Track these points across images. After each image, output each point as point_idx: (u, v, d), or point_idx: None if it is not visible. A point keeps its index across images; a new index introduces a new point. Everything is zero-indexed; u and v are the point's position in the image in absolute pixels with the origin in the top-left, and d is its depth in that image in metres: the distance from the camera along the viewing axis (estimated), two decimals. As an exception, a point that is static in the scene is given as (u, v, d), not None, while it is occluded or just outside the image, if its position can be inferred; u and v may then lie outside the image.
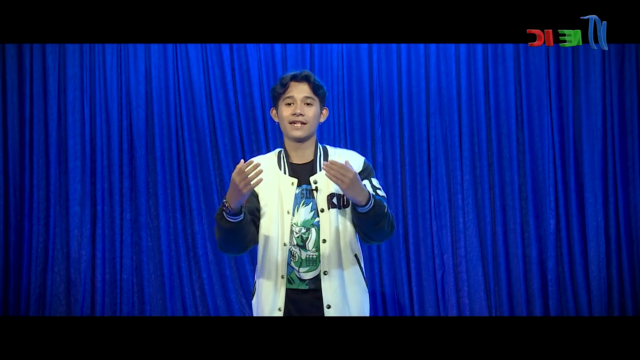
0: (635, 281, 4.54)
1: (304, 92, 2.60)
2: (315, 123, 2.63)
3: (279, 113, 2.64)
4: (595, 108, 4.60)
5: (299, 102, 2.59)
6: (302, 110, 2.58)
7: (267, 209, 2.59)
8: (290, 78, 2.61)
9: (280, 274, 2.57)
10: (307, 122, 2.59)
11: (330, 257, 2.56)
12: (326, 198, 2.58)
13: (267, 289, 2.58)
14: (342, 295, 2.56)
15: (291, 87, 2.61)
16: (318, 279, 2.57)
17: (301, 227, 2.57)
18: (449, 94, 4.75)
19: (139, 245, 4.76)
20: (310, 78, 2.61)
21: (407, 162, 4.77)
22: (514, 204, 4.68)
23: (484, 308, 4.66)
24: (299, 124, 2.58)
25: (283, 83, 2.62)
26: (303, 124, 2.59)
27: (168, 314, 4.71)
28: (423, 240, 4.76)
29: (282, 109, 2.62)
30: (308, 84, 2.61)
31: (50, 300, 4.67)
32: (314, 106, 2.61)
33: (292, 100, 2.60)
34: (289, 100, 2.60)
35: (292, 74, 2.62)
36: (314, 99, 2.62)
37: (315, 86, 2.61)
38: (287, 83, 2.61)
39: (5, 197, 4.67)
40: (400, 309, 4.72)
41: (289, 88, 2.61)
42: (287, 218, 2.57)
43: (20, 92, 4.71)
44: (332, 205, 2.59)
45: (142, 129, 4.77)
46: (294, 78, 2.61)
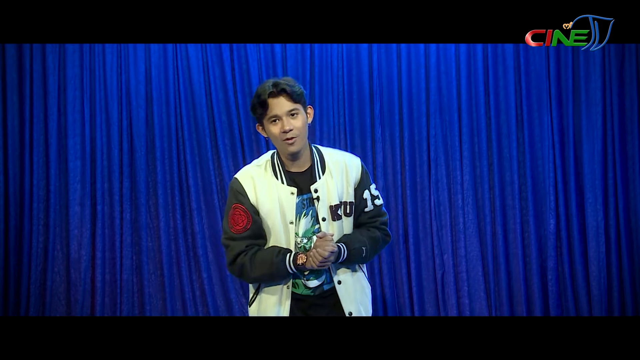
0: (635, 281, 4.54)
1: (285, 106, 2.49)
2: (306, 130, 2.55)
3: (267, 131, 2.55)
4: (595, 108, 4.59)
5: (284, 117, 2.49)
6: (290, 124, 2.48)
7: (270, 222, 2.56)
8: (268, 95, 2.47)
9: (286, 284, 2.58)
10: (299, 134, 2.50)
11: (340, 266, 2.59)
12: (329, 209, 2.57)
13: (272, 300, 2.58)
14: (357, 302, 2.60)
15: (271, 105, 2.48)
16: (321, 286, 2.59)
17: (302, 237, 2.57)
18: (449, 94, 4.75)
19: (139, 245, 4.76)
20: (286, 90, 2.48)
21: (407, 162, 4.77)
22: (514, 204, 4.68)
23: (484, 308, 4.66)
24: (292, 139, 2.50)
25: (261, 102, 2.49)
26: (295, 138, 2.50)
27: (168, 314, 4.71)
28: (423, 240, 4.76)
29: (269, 128, 2.52)
30: (285, 95, 2.49)
31: (50, 300, 4.67)
32: (299, 114, 2.51)
33: (277, 117, 2.50)
34: (274, 119, 2.50)
35: (269, 91, 2.47)
36: (297, 108, 2.51)
37: (293, 95, 2.50)
38: (265, 101, 2.48)
39: (5, 197, 4.67)
40: (400, 309, 4.72)
41: (269, 107, 2.49)
42: (291, 228, 2.56)
43: (20, 92, 4.71)
44: (337, 217, 2.58)
45: (142, 129, 4.77)
46: (271, 95, 2.48)
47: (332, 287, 2.60)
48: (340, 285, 2.57)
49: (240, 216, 2.54)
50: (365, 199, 2.63)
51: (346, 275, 2.60)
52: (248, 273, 2.51)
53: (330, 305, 2.59)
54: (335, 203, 2.58)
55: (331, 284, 2.59)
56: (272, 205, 2.55)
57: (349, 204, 2.61)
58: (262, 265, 2.50)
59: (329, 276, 2.59)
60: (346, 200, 2.61)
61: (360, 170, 2.65)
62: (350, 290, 2.58)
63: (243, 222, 2.54)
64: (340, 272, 2.59)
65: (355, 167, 2.64)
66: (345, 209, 2.60)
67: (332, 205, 2.57)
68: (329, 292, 2.60)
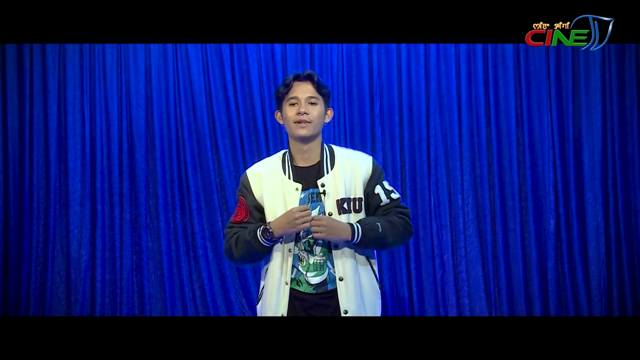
0: (635, 281, 4.54)
1: (307, 92, 2.59)
2: (320, 122, 2.61)
3: (283, 114, 2.62)
4: (595, 108, 4.60)
5: (303, 101, 2.57)
6: (307, 109, 2.57)
7: (272, 217, 2.57)
8: (294, 78, 2.60)
9: (285, 280, 2.57)
10: (312, 121, 2.57)
11: (345, 262, 2.56)
12: (336, 203, 2.57)
13: (271, 296, 2.58)
14: (358, 300, 2.57)
15: (294, 87, 2.59)
16: (324, 284, 2.57)
17: (308, 231, 2.56)
18: (449, 94, 4.75)
19: (139, 245, 4.76)
20: (313, 77, 2.60)
21: (407, 162, 4.77)
22: (514, 204, 4.68)
23: (483, 308, 4.66)
24: (304, 122, 2.56)
25: (286, 83, 2.61)
26: (308, 123, 2.56)
27: (168, 314, 4.71)
28: (423, 240, 4.76)
29: (286, 110, 2.60)
30: (312, 83, 2.60)
31: (50, 300, 4.67)
32: (318, 105, 2.59)
33: (296, 100, 2.58)
34: (293, 101, 2.59)
35: (295, 74, 2.62)
36: (318, 99, 2.60)
37: (319, 85, 2.60)
38: (290, 83, 2.60)
39: (5, 197, 4.67)
40: (400, 309, 4.72)
41: (292, 88, 2.59)
42: None
43: (20, 92, 4.71)
44: (344, 210, 2.58)
45: (142, 129, 4.77)
46: (297, 78, 2.60)
47: (336, 287, 2.57)
48: (342, 282, 2.56)
49: (240, 209, 2.63)
50: (378, 194, 2.64)
51: (350, 272, 2.56)
52: (234, 254, 2.60)
53: (333, 305, 2.57)
54: (342, 197, 2.58)
55: (334, 283, 2.58)
56: (275, 201, 2.57)
57: (358, 200, 2.61)
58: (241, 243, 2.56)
59: (333, 275, 2.58)
60: (355, 197, 2.61)
61: (372, 166, 2.66)
62: (351, 288, 2.55)
63: (242, 215, 2.62)
64: (343, 269, 2.56)
65: (365, 164, 2.65)
66: (354, 204, 2.60)
67: (338, 199, 2.57)
68: (333, 292, 2.57)
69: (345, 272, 2.56)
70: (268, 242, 2.52)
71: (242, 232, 2.57)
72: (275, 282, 2.57)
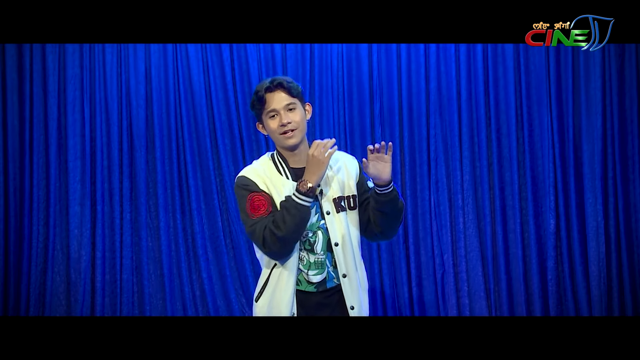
0: (635, 281, 4.54)
1: (283, 100, 2.56)
2: (305, 124, 2.61)
3: (266, 127, 2.62)
4: (595, 108, 4.59)
5: (282, 111, 2.56)
6: (288, 118, 2.55)
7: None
8: (265, 90, 2.57)
9: (293, 280, 2.58)
10: (297, 127, 2.56)
11: (346, 259, 2.59)
12: (332, 201, 2.60)
13: (280, 296, 2.57)
14: (360, 297, 2.62)
15: (268, 99, 2.56)
16: (324, 282, 2.59)
17: (308, 230, 2.57)
18: (449, 94, 4.75)
19: (139, 246, 4.76)
20: (283, 84, 2.56)
21: (407, 162, 4.77)
22: (514, 204, 4.68)
23: (483, 308, 4.66)
24: (290, 132, 2.56)
25: (259, 98, 2.57)
26: (293, 131, 2.56)
27: (168, 314, 4.71)
28: (423, 240, 4.76)
29: (268, 123, 2.59)
30: (283, 90, 2.56)
31: (50, 300, 4.67)
32: (297, 109, 2.58)
33: (275, 112, 2.56)
34: (272, 113, 2.57)
35: (265, 86, 2.57)
36: (295, 102, 2.58)
37: (290, 90, 2.57)
38: (263, 97, 2.57)
39: (5, 197, 4.67)
40: (400, 309, 4.72)
41: (267, 101, 2.57)
42: None
43: (20, 92, 4.71)
44: (341, 208, 2.61)
45: (142, 129, 4.77)
46: (268, 90, 2.57)
47: (335, 285, 2.60)
48: (345, 279, 2.58)
49: (260, 201, 2.54)
50: (368, 184, 2.69)
51: (351, 269, 2.60)
52: (278, 235, 2.47)
53: (333, 303, 2.60)
54: (339, 195, 2.61)
55: (334, 281, 2.60)
56: (278, 199, 2.57)
57: (352, 197, 2.64)
58: (282, 220, 2.47)
59: (332, 273, 2.59)
60: (349, 194, 2.64)
61: (357, 165, 2.70)
62: (354, 284, 2.60)
63: (264, 205, 2.54)
64: (345, 266, 2.59)
65: (352, 163, 2.71)
66: (349, 202, 2.63)
67: (335, 197, 2.61)
68: (333, 290, 2.60)
69: (348, 268, 2.59)
70: (310, 198, 2.48)
71: (277, 214, 2.50)
72: (284, 282, 2.57)
